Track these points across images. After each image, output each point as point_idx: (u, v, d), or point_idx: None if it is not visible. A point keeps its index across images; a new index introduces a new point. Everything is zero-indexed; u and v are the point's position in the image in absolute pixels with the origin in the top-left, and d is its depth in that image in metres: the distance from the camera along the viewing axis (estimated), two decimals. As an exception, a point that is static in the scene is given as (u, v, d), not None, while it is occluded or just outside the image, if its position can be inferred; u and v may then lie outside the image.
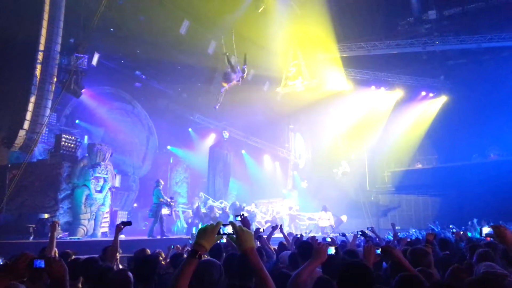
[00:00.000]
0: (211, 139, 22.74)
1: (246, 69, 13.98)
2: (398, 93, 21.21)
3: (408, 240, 7.51)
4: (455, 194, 20.61)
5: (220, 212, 17.26)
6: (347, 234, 9.73)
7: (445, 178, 20.57)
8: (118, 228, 4.92)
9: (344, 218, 19.42)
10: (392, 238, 8.19)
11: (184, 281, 1.87)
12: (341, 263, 2.83)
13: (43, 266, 2.18)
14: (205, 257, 3.95)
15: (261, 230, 7.12)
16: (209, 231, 1.97)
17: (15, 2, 12.34)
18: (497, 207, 17.33)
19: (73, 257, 5.10)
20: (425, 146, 22.36)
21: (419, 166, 22.40)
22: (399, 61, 19.92)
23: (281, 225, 7.74)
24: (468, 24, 17.98)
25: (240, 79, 13.71)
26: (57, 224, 4.94)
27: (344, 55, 18.86)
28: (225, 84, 13.87)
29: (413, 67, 20.70)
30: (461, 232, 8.97)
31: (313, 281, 2.97)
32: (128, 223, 5.07)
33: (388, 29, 19.01)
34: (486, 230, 3.58)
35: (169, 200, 13.36)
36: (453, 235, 9.21)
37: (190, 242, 7.17)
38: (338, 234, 10.08)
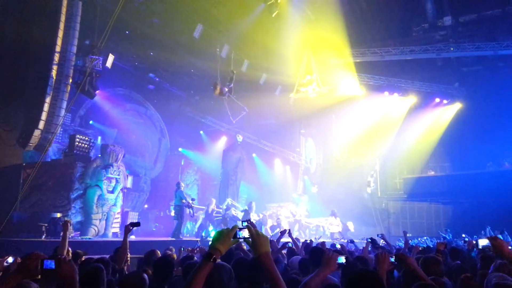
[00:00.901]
0: (222, 142, 22.82)
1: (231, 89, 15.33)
2: (412, 99, 21.02)
3: (420, 248, 7.42)
4: (468, 203, 20.33)
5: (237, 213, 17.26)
6: (356, 241, 9.65)
7: (458, 186, 20.30)
8: (127, 229, 4.94)
9: (350, 225, 19.15)
10: (403, 246, 8.09)
11: (198, 284, 1.87)
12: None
13: (53, 266, 2.18)
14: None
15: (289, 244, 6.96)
16: (225, 235, 1.96)
17: (32, 4, 12.57)
18: (510, 217, 17.05)
19: (84, 258, 5.15)
20: (438, 153, 22.11)
21: (432, 173, 22.15)
22: (413, 67, 19.75)
23: (289, 230, 7.70)
24: (484, 30, 17.76)
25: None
26: (69, 223, 4.95)
27: (358, 60, 18.78)
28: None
29: (428, 74, 20.51)
30: (474, 242, 8.82)
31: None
32: (137, 224, 5.09)
33: (402, 35, 18.88)
34: (483, 242, 3.51)
35: (190, 201, 13.43)
36: (465, 244, 9.08)
37: (199, 245, 7.15)
38: (347, 241, 9.97)
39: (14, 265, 3.70)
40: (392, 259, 3.02)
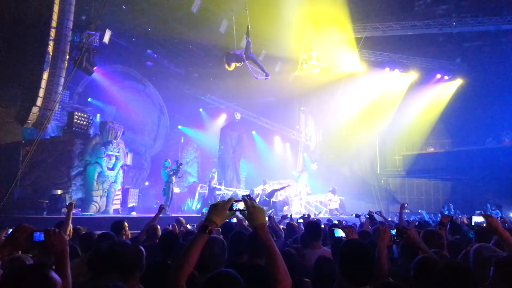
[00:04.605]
0: (222, 119, 22.74)
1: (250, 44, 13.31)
2: (413, 75, 20.82)
3: (417, 223, 7.47)
4: (467, 179, 20.41)
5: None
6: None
7: (457, 162, 20.35)
8: (161, 209, 5.90)
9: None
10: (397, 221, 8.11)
11: (193, 255, 1.87)
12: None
13: (42, 239, 2.13)
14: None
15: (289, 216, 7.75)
16: (221, 207, 1.95)
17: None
18: (510, 192, 17.17)
19: (84, 232, 5.21)
20: (438, 129, 22.07)
21: (432, 150, 22.16)
22: (414, 42, 19.48)
23: (291, 215, 8.06)
24: (487, 5, 17.44)
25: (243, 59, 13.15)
26: (73, 205, 5.08)
27: (359, 36, 18.48)
28: (229, 68, 13.37)
29: (429, 49, 20.23)
30: (464, 218, 8.95)
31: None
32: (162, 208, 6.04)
33: (404, 10, 18.54)
34: (476, 219, 3.50)
35: (172, 173, 13.53)
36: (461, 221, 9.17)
37: (190, 228, 7.15)
38: (354, 215, 9.99)
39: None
40: (393, 232, 3.02)
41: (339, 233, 3.39)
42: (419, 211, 19.20)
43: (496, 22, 16.85)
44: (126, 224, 5.01)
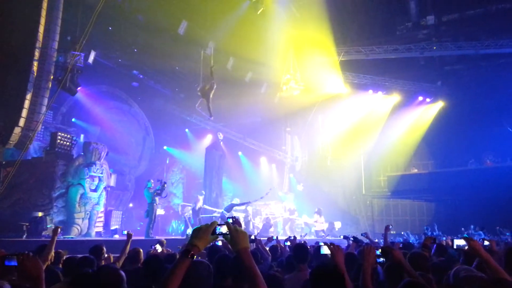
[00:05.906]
0: (207, 140, 22.69)
1: (214, 85, 15.43)
2: (395, 97, 21.23)
3: (401, 245, 7.46)
4: (451, 200, 20.63)
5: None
6: (340, 238, 9.72)
7: (440, 183, 20.57)
8: (129, 237, 5.80)
9: (337, 224, 19.23)
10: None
11: (175, 281, 1.83)
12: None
13: (15, 264, 2.05)
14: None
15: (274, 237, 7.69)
16: (203, 231, 1.92)
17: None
18: (493, 214, 17.39)
19: (65, 257, 5.07)
20: (421, 151, 22.37)
21: (415, 171, 22.40)
22: (396, 65, 19.95)
23: (277, 237, 7.93)
24: (466, 30, 18.06)
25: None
26: (59, 229, 4.96)
27: (342, 59, 18.85)
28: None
29: (411, 72, 20.73)
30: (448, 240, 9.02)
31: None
32: (130, 235, 5.91)
33: (386, 34, 19.05)
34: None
35: (156, 194, 13.26)
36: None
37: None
38: (342, 237, 10.01)
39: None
40: (378, 252, 3.00)
41: (325, 250, 3.37)
42: (402, 232, 19.27)
43: (475, 46, 17.41)
44: (104, 248, 4.93)
